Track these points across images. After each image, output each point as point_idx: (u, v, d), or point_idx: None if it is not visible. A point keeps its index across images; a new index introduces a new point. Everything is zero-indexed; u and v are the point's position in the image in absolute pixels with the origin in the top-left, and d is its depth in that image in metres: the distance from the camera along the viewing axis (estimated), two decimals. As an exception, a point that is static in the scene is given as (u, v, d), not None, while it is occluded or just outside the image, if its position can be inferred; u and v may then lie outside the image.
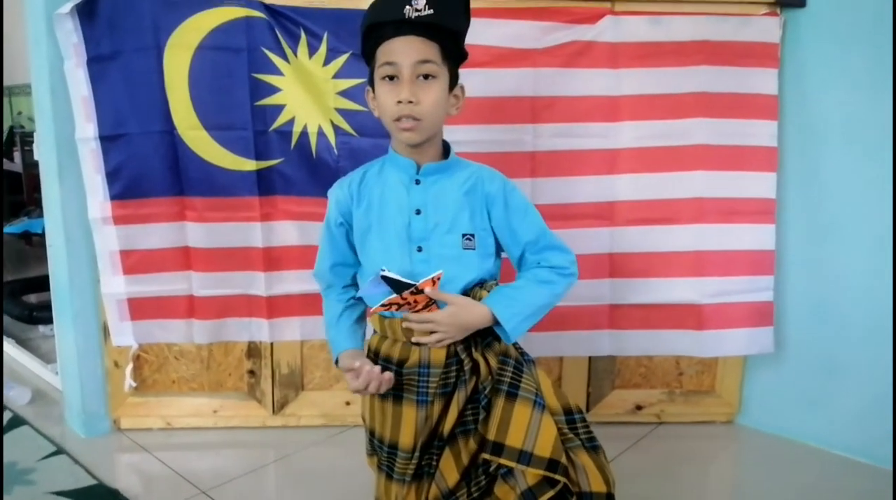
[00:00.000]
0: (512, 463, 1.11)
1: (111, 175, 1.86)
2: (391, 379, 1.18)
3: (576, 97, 1.88)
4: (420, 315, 1.17)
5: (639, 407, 2.19)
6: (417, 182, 1.21)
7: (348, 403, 2.12)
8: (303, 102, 1.86)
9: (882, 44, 1.81)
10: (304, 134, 1.87)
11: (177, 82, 1.81)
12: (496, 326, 1.18)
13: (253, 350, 2.08)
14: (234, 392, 2.13)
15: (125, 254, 1.91)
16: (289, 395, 2.12)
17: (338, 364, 1.27)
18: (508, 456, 1.11)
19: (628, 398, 2.19)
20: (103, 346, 2.04)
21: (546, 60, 1.86)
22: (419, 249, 1.20)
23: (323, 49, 1.83)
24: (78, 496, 1.74)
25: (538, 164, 1.91)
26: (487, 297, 1.20)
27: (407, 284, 1.13)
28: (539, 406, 1.15)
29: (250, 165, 1.87)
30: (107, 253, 1.91)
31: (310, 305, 1.97)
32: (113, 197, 1.87)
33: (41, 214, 2.58)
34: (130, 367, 2.04)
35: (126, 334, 1.98)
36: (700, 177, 1.92)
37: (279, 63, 1.83)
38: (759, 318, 2.01)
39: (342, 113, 1.86)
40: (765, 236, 1.97)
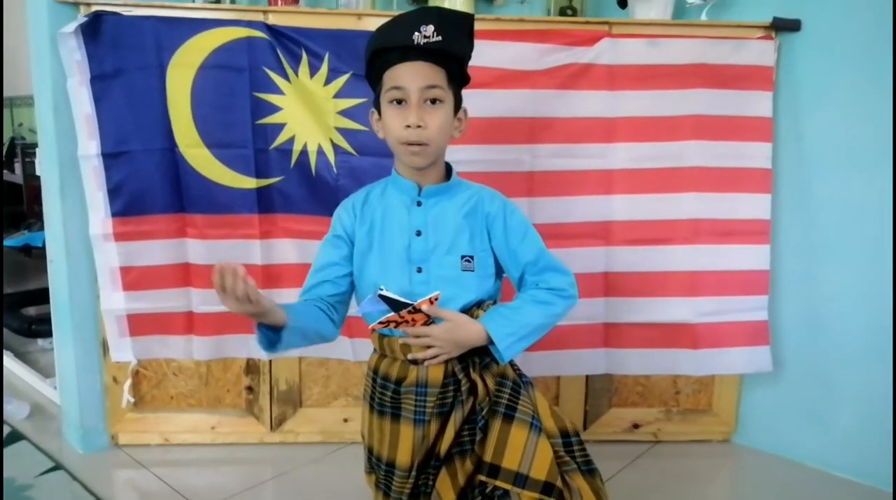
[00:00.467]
0: (508, 485, 1.11)
1: (113, 192, 1.87)
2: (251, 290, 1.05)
3: (573, 118, 1.91)
4: (416, 329, 1.18)
5: (636, 426, 2.19)
6: (419, 204, 1.23)
7: (346, 420, 2.13)
8: (303, 121, 1.87)
9: (875, 68, 1.83)
10: (304, 153, 1.89)
11: (179, 101, 1.83)
12: (490, 345, 1.19)
13: (251, 367, 2.09)
14: (233, 409, 2.13)
15: (125, 270, 1.92)
16: (287, 411, 2.12)
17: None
18: (504, 478, 1.12)
19: (625, 417, 2.19)
20: (102, 361, 2.04)
21: (544, 82, 1.88)
22: (419, 269, 1.22)
23: (324, 69, 1.85)
24: (75, 513, 1.74)
25: (535, 184, 1.93)
26: (483, 316, 1.21)
27: (405, 303, 1.14)
28: (535, 429, 1.15)
29: (250, 183, 1.89)
30: (107, 269, 1.92)
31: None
32: (114, 214, 1.88)
33: (41, 227, 2.58)
34: (129, 383, 2.05)
35: (125, 349, 1.98)
36: (695, 198, 1.94)
37: (280, 82, 1.85)
38: (755, 337, 2.02)
39: (342, 132, 1.88)
40: (760, 257, 1.99)
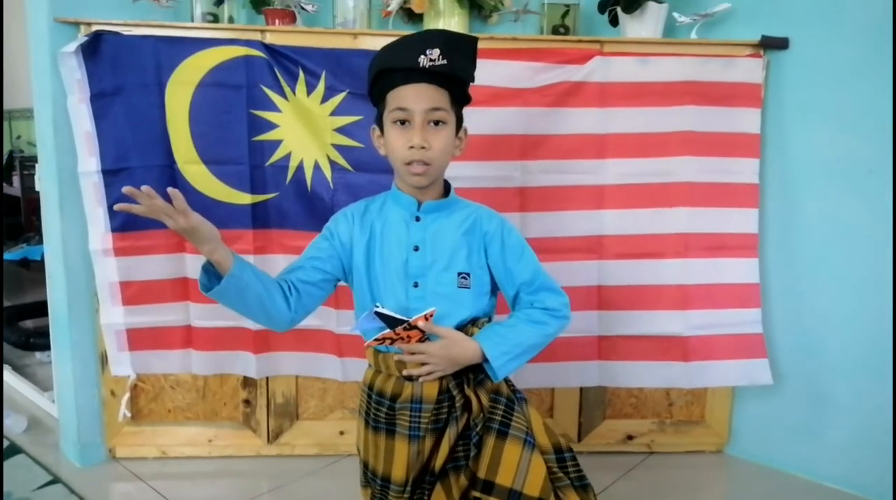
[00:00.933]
0: None
1: (113, 208, 1.89)
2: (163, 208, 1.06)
3: (565, 135, 1.94)
4: (412, 346, 1.20)
5: (630, 437, 2.21)
6: (418, 219, 1.25)
7: (342, 433, 2.14)
8: (300, 138, 1.90)
9: (861, 86, 1.86)
10: (300, 169, 1.91)
11: (178, 118, 1.86)
12: (485, 363, 1.21)
13: (248, 380, 2.10)
14: (229, 422, 2.15)
15: (125, 285, 1.94)
16: (283, 424, 2.14)
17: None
18: (498, 495, 1.14)
19: (619, 428, 2.21)
20: (100, 375, 2.06)
21: (536, 100, 1.91)
22: (415, 284, 1.23)
23: (321, 87, 1.88)
24: (73, 527, 1.75)
25: (527, 199, 1.95)
26: (478, 333, 1.23)
27: (400, 320, 1.16)
28: (529, 445, 1.17)
29: (245, 199, 1.91)
30: (107, 284, 1.94)
31: (303, 340, 2.00)
32: (114, 229, 1.90)
33: (40, 240, 2.60)
34: (127, 397, 2.06)
35: (125, 363, 2.00)
36: (685, 213, 1.97)
37: (277, 100, 1.88)
38: (751, 350, 2.04)
39: (339, 149, 1.90)
40: (749, 270, 2.02)
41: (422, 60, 1.15)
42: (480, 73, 1.26)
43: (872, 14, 1.83)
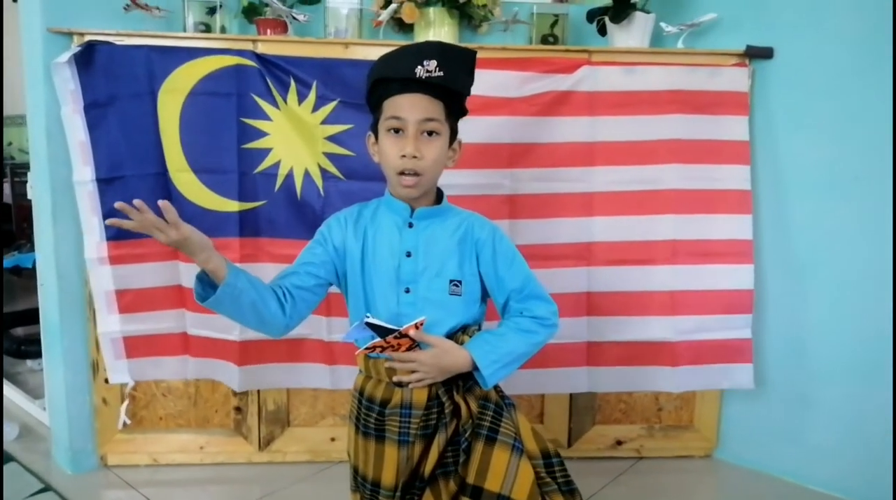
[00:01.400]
0: None
1: (107, 217, 1.90)
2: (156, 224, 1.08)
3: (554, 144, 1.96)
4: (402, 354, 1.21)
5: (619, 442, 2.23)
6: (410, 225, 1.26)
7: (334, 439, 2.15)
8: (290, 146, 1.91)
9: (845, 94, 1.90)
10: (290, 177, 1.92)
11: (169, 126, 1.87)
12: (475, 371, 1.22)
13: (240, 386, 2.11)
14: (221, 429, 2.15)
15: (121, 293, 1.95)
16: (275, 431, 2.15)
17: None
18: None
19: (609, 434, 2.23)
20: (92, 383, 2.06)
21: (525, 108, 1.93)
22: (407, 290, 1.24)
23: (312, 96, 1.89)
24: (65, 534, 1.76)
25: (516, 206, 1.97)
26: (469, 342, 1.24)
27: (390, 329, 1.17)
28: (517, 451, 1.19)
29: (233, 206, 1.91)
30: (102, 292, 1.95)
31: (291, 351, 2.01)
32: (109, 238, 1.91)
33: (31, 248, 2.60)
34: (126, 404, 2.07)
35: (122, 371, 2.01)
36: (673, 220, 1.99)
37: (268, 109, 1.89)
38: (738, 354, 2.07)
39: (330, 157, 1.92)
40: (743, 276, 2.03)
41: (418, 71, 1.16)
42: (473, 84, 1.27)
43: (854, 24, 1.86)
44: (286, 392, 2.13)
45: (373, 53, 1.25)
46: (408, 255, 1.25)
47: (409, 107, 1.19)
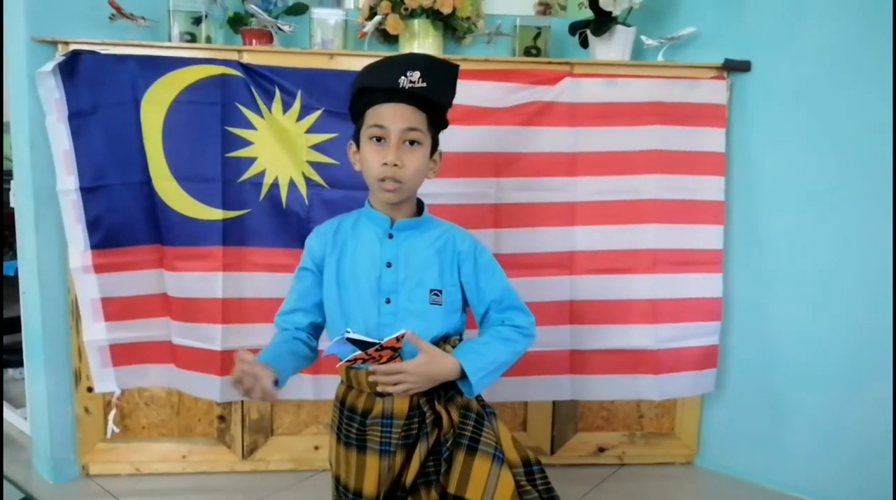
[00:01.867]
0: None
1: (92, 225, 1.90)
2: (268, 393, 1.15)
3: (536, 153, 1.98)
4: (389, 366, 1.21)
5: (601, 449, 2.25)
6: (391, 236, 1.28)
7: (317, 447, 2.15)
8: (275, 155, 1.92)
9: (821, 106, 1.93)
10: (275, 185, 1.93)
11: (152, 135, 1.87)
12: (460, 379, 1.24)
13: (223, 395, 2.11)
14: (204, 437, 2.15)
15: (106, 301, 1.95)
16: (258, 440, 2.15)
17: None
18: None
19: (591, 441, 2.25)
20: (74, 392, 2.05)
21: (508, 118, 1.96)
22: (388, 301, 1.26)
23: (297, 105, 1.90)
24: (46, 544, 1.75)
25: (501, 215, 1.99)
26: (456, 350, 1.25)
27: (371, 343, 1.17)
28: (498, 461, 1.20)
29: (216, 215, 1.91)
30: (88, 301, 1.94)
31: None
32: (93, 246, 1.91)
33: (13, 256, 2.59)
34: (114, 413, 2.06)
35: (108, 380, 2.00)
36: (654, 229, 2.02)
37: (252, 118, 1.90)
38: (707, 360, 2.12)
39: (314, 166, 1.93)
40: (713, 285, 2.08)
41: (402, 81, 1.18)
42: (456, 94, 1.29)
43: (828, 39, 1.90)
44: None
45: (357, 64, 1.26)
46: (388, 265, 1.26)
47: (392, 116, 1.20)
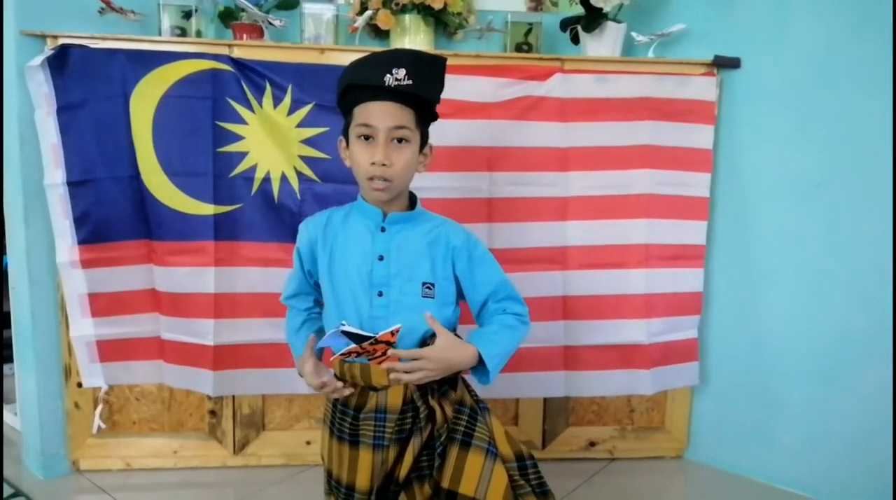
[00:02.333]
0: None
1: (79, 220, 1.89)
2: (347, 392, 1.28)
3: (528, 148, 1.98)
4: (410, 351, 1.22)
5: (592, 444, 2.26)
6: (383, 229, 1.28)
7: (309, 442, 2.16)
8: (266, 150, 1.91)
9: (809, 104, 1.95)
10: (267, 180, 1.92)
11: (141, 129, 1.86)
12: (476, 367, 1.25)
13: (214, 391, 2.11)
14: (195, 432, 2.15)
15: (94, 297, 1.94)
16: (249, 435, 2.15)
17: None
18: None
19: (582, 435, 2.26)
20: (64, 387, 2.04)
21: (500, 113, 1.96)
22: (380, 294, 1.26)
23: (287, 100, 1.90)
24: (36, 540, 1.74)
25: (494, 210, 1.99)
26: (470, 337, 1.26)
27: (366, 336, 1.18)
28: (491, 455, 1.21)
29: (208, 210, 1.91)
30: (76, 296, 1.93)
31: (266, 356, 2.00)
32: (81, 241, 1.90)
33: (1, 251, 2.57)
34: (100, 408, 2.05)
35: (96, 375, 1.99)
36: (645, 224, 2.02)
37: (243, 112, 1.89)
38: (690, 353, 2.14)
39: (306, 160, 1.93)
40: (697, 279, 2.10)
41: (388, 79, 1.17)
42: (446, 88, 1.29)
43: (818, 36, 1.92)
44: (261, 396, 2.13)
45: (348, 59, 1.25)
46: (380, 258, 1.26)
47: (379, 115, 1.20)
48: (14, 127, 1.88)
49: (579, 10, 2.09)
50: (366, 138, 1.22)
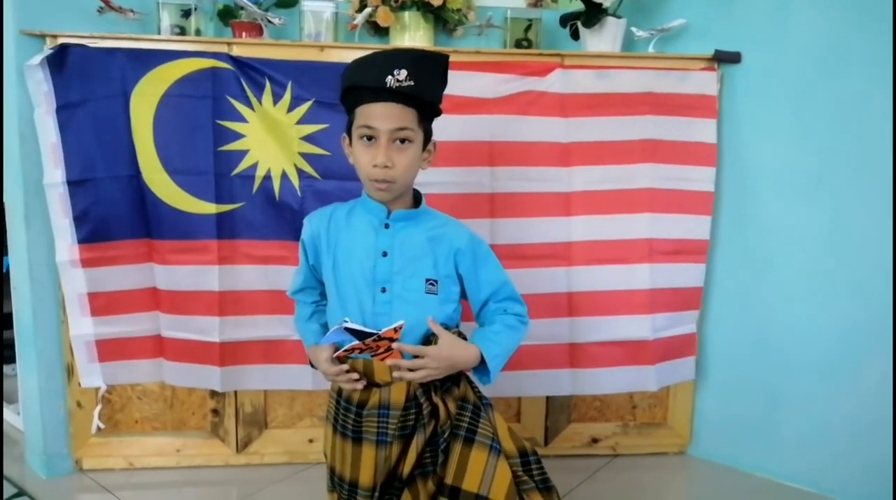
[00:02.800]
0: None
1: (79, 219, 1.89)
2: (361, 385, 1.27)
3: (529, 143, 1.97)
4: (415, 347, 1.22)
5: (595, 440, 2.26)
6: (387, 226, 1.28)
7: (311, 440, 2.16)
8: (267, 147, 1.91)
9: (810, 98, 1.94)
10: (268, 178, 1.92)
11: (142, 128, 1.86)
12: (478, 367, 1.26)
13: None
14: (198, 431, 2.15)
15: (93, 296, 1.94)
16: (252, 433, 2.15)
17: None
18: None
19: (584, 432, 2.26)
20: (66, 386, 2.04)
21: (501, 108, 1.95)
22: (383, 290, 1.26)
23: (287, 97, 1.90)
24: (40, 540, 1.74)
25: (496, 205, 1.98)
26: (473, 336, 1.27)
27: (369, 332, 1.18)
28: (495, 451, 1.21)
29: (210, 208, 1.91)
30: (75, 296, 1.93)
31: (270, 352, 2.00)
32: (80, 240, 1.90)
33: (2, 251, 2.57)
34: (99, 408, 2.05)
35: (95, 375, 1.99)
36: (649, 218, 2.02)
37: (243, 110, 1.89)
38: (689, 348, 2.14)
39: (306, 157, 1.92)
40: (699, 274, 2.10)
41: (389, 81, 1.16)
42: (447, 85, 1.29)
43: (819, 31, 1.91)
44: (263, 394, 2.13)
45: (348, 56, 1.26)
46: (384, 255, 1.26)
47: (381, 116, 1.19)
48: (14, 126, 1.88)
49: (579, 5, 2.08)
50: (368, 139, 1.22)
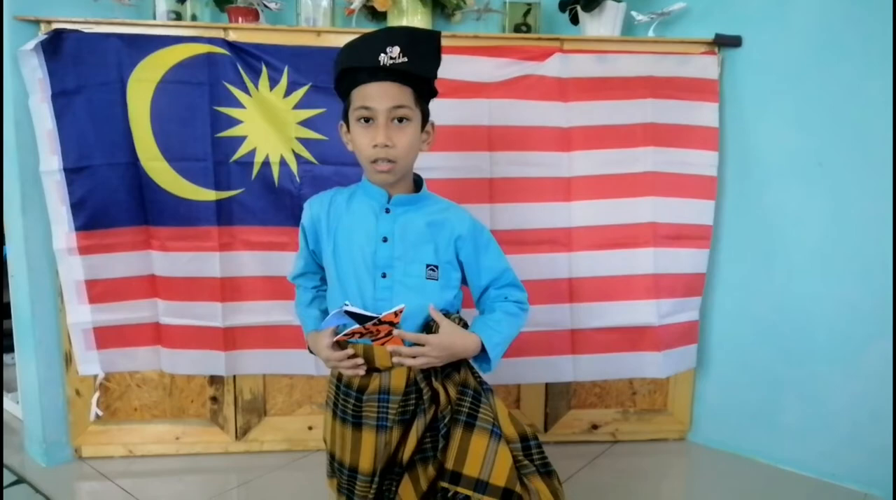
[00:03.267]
0: (468, 491, 1.16)
1: (76, 206, 1.88)
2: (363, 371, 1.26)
3: (529, 127, 1.96)
4: (416, 335, 1.21)
5: (594, 426, 2.26)
6: (388, 211, 1.27)
7: (311, 427, 2.15)
8: (264, 133, 1.90)
9: (811, 82, 1.93)
10: (266, 164, 1.91)
11: (139, 115, 1.85)
12: (478, 355, 1.25)
13: (215, 376, 2.10)
14: (197, 419, 2.15)
15: (91, 284, 1.93)
16: (251, 420, 2.14)
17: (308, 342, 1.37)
18: (465, 485, 1.17)
19: (584, 418, 2.26)
20: (65, 375, 2.04)
21: (500, 93, 1.94)
22: (383, 275, 1.25)
23: (284, 82, 1.89)
24: (40, 527, 1.74)
25: (496, 190, 1.97)
26: (473, 325, 1.26)
27: (369, 316, 1.17)
28: (496, 436, 1.20)
29: (210, 195, 1.90)
30: (72, 283, 1.93)
31: (271, 337, 2.00)
32: (78, 228, 1.89)
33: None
34: (97, 396, 2.05)
35: (92, 362, 1.99)
36: (651, 203, 2.00)
37: (240, 96, 1.88)
38: (692, 336, 2.13)
39: (303, 142, 1.91)
40: (702, 260, 2.08)
41: (382, 59, 1.15)
42: (444, 68, 1.26)
43: (819, 15, 1.90)
44: (262, 382, 2.13)
45: (345, 41, 1.24)
46: (384, 240, 1.25)
47: (378, 96, 1.18)
48: (9, 113, 1.86)
49: (578, -11, 2.07)
50: (366, 121, 1.21)
